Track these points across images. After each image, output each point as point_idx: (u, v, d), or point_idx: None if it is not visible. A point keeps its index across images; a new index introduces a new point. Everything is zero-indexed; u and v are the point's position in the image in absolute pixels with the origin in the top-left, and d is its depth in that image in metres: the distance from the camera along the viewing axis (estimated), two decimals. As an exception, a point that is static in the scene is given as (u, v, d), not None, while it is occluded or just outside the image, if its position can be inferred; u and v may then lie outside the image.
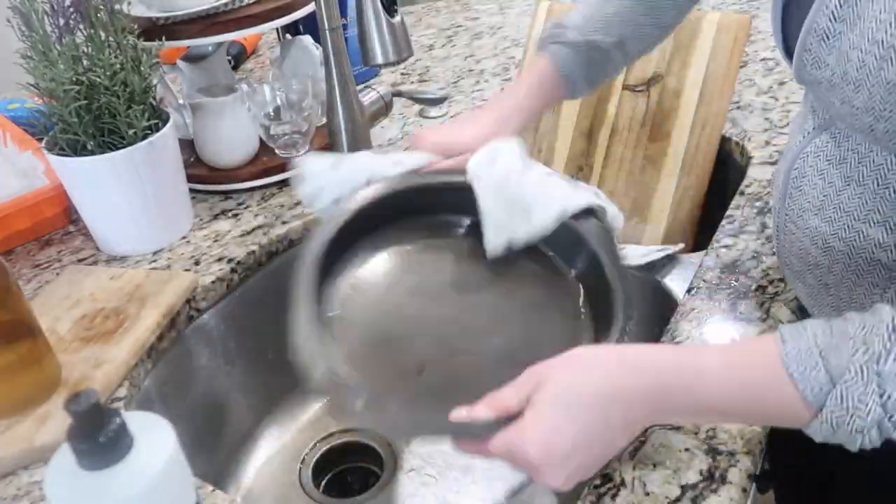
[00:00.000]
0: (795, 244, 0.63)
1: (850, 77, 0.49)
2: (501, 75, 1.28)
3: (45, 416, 0.65)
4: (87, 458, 0.40)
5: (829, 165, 0.57)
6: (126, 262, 0.87)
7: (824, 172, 0.58)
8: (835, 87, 0.51)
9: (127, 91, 0.80)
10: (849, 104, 0.51)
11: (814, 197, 0.59)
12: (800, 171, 0.61)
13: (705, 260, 0.79)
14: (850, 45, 0.49)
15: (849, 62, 0.49)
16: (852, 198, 0.56)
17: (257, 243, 0.89)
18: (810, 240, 0.61)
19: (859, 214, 0.56)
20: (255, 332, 0.91)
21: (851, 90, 0.50)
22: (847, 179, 0.56)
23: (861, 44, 0.48)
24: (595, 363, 0.50)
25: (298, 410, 0.99)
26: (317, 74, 1.05)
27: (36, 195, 0.92)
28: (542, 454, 0.47)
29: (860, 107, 0.50)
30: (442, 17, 1.61)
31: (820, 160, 0.58)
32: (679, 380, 0.48)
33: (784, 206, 0.63)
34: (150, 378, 0.76)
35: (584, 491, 0.56)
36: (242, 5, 0.90)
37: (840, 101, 0.51)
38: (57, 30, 0.78)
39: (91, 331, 0.74)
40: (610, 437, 0.49)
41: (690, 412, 0.51)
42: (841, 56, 0.50)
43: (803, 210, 0.61)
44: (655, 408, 0.49)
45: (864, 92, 0.49)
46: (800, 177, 0.61)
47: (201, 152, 0.98)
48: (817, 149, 0.59)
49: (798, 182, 0.61)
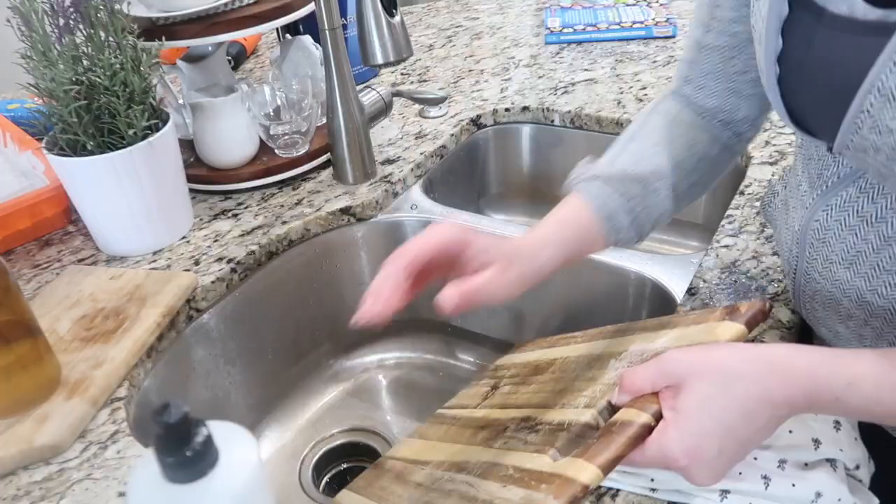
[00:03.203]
0: (821, 293, 0.61)
1: None
2: (501, 75, 1.28)
3: (45, 416, 0.65)
4: (174, 470, 0.39)
5: (862, 222, 0.54)
6: (126, 262, 0.87)
7: (855, 229, 0.55)
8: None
9: (127, 91, 0.80)
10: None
11: (842, 251, 0.57)
12: (822, 223, 0.58)
13: (705, 260, 0.79)
14: None
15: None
16: (894, 256, 0.53)
17: (257, 243, 0.89)
18: (841, 292, 0.58)
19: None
20: (255, 332, 0.91)
21: None
22: (888, 240, 0.53)
23: None
24: (744, 369, 0.47)
25: (298, 410, 0.99)
26: (317, 74, 1.05)
27: (36, 195, 0.92)
28: (690, 458, 0.47)
29: None
30: (442, 17, 1.61)
31: (849, 216, 0.55)
32: (828, 392, 0.46)
33: (805, 256, 0.61)
34: (150, 378, 0.76)
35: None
36: (242, 5, 0.90)
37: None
38: (57, 30, 0.78)
39: (91, 331, 0.74)
40: (756, 438, 0.48)
41: (841, 411, 0.49)
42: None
43: (830, 262, 0.58)
44: (800, 409, 0.48)
45: None
46: (822, 229, 0.58)
47: (201, 152, 0.98)
48: (844, 203, 0.55)
49: (821, 234, 0.58)
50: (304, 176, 1.02)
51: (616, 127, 1.10)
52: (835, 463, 0.54)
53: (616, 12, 1.40)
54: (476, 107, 1.18)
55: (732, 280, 0.75)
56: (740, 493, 0.53)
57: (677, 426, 0.47)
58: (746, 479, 0.53)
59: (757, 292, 0.73)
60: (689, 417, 0.47)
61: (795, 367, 0.47)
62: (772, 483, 0.53)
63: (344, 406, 1.00)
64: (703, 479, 0.48)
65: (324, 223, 0.95)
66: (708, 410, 0.47)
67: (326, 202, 0.96)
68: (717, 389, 0.47)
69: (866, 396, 0.46)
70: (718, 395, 0.47)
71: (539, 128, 1.17)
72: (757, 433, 0.47)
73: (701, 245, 1.12)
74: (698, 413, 0.47)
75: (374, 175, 1.01)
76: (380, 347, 1.07)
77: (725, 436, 0.47)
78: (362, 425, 0.97)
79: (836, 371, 0.46)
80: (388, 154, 1.07)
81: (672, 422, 0.47)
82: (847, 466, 0.54)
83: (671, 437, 0.47)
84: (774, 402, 0.46)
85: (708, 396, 0.47)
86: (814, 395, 0.46)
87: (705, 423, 0.47)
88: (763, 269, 0.76)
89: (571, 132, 1.15)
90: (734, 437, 0.47)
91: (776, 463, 0.54)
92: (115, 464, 0.63)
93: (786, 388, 0.46)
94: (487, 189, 1.24)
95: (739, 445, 0.47)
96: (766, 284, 0.74)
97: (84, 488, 0.61)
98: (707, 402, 0.47)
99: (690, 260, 0.83)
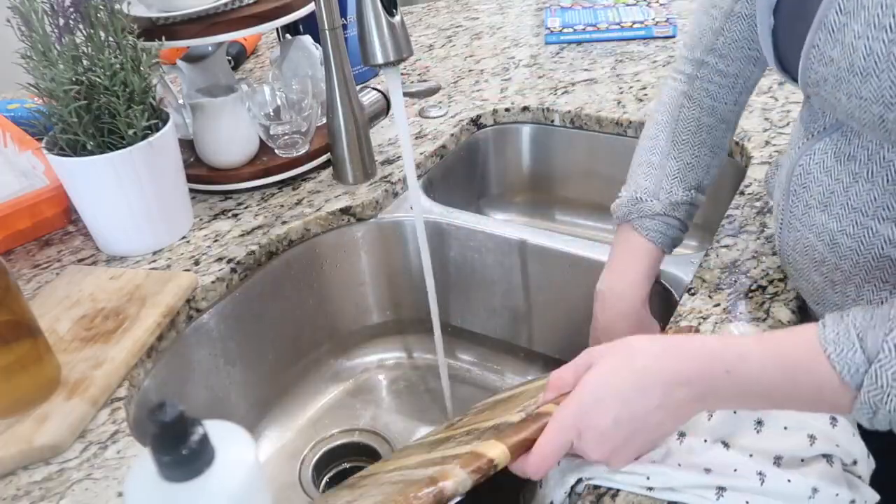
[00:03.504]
0: (800, 241, 0.63)
1: (857, 67, 0.49)
2: (501, 75, 1.28)
3: (45, 416, 0.65)
4: (170, 469, 0.39)
5: (837, 162, 0.57)
6: (126, 262, 0.87)
7: (831, 169, 0.58)
8: (841, 81, 0.51)
9: (127, 91, 0.80)
10: (857, 96, 0.50)
11: (819, 193, 0.59)
12: (804, 167, 0.60)
13: (705, 260, 0.79)
14: (856, 35, 0.48)
15: (854, 52, 0.48)
16: (860, 194, 0.56)
17: (257, 243, 0.89)
18: (816, 236, 0.61)
19: (868, 211, 0.56)
20: (255, 332, 0.91)
21: (859, 81, 0.49)
22: (855, 176, 0.56)
23: (867, 32, 0.47)
24: (643, 348, 0.52)
25: (298, 410, 0.99)
26: (317, 74, 1.05)
27: (36, 195, 0.92)
28: (583, 423, 0.51)
29: (869, 97, 0.49)
30: (442, 17, 1.61)
31: (827, 157, 0.58)
32: (720, 363, 0.49)
33: (788, 204, 0.63)
34: (150, 378, 0.76)
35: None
36: (242, 5, 0.90)
37: (847, 95, 0.51)
38: (57, 30, 0.78)
39: (91, 331, 0.74)
40: (655, 419, 0.51)
41: (734, 396, 0.51)
42: (846, 48, 0.49)
43: (808, 207, 0.61)
44: (698, 390, 0.50)
45: (872, 81, 0.48)
46: (804, 174, 0.61)
47: (201, 152, 0.98)
48: (826, 146, 0.58)
49: (803, 179, 0.61)
50: (304, 176, 1.02)
51: (616, 127, 1.10)
52: (831, 458, 0.54)
53: (616, 12, 1.40)
54: (476, 107, 1.18)
55: (732, 280, 0.75)
56: (736, 490, 0.53)
57: (574, 396, 0.52)
58: (742, 475, 0.53)
59: (757, 292, 0.73)
60: (586, 388, 0.51)
61: (689, 346, 0.51)
62: (767, 479, 0.53)
63: (344, 406, 1.00)
64: (595, 452, 0.51)
65: (324, 223, 0.95)
66: (606, 382, 0.51)
67: (326, 202, 0.96)
68: (620, 363, 0.51)
69: (754, 368, 0.49)
70: (619, 369, 0.51)
71: (539, 128, 1.17)
72: (655, 411, 0.50)
73: (701, 245, 1.12)
74: (596, 384, 0.51)
75: (374, 175, 1.01)
76: (380, 347, 1.07)
77: (621, 408, 0.50)
78: (362, 425, 0.97)
79: (727, 344, 0.50)
80: (388, 154, 1.07)
81: (572, 393, 0.52)
82: (844, 462, 0.55)
83: (567, 406, 0.52)
84: (668, 378, 0.50)
85: (610, 369, 0.51)
86: (706, 368, 0.49)
87: (600, 392, 0.51)
88: (763, 269, 0.76)
89: (571, 132, 1.15)
90: (630, 411, 0.50)
91: (772, 459, 0.54)
92: (115, 464, 0.63)
93: (678, 363, 0.50)
94: (487, 189, 1.24)
95: (638, 422, 0.50)
96: (767, 284, 0.74)
97: (84, 488, 0.61)
98: (607, 374, 0.51)
99: (690, 260, 0.83)
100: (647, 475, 0.54)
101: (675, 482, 0.53)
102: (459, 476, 0.49)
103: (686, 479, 0.53)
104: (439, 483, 0.49)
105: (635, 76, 1.21)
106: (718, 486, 0.53)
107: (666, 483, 0.54)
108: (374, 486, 0.63)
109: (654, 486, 0.54)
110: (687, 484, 0.53)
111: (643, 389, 0.50)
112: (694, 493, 0.53)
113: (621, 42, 1.35)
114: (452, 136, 1.11)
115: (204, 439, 0.40)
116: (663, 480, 0.54)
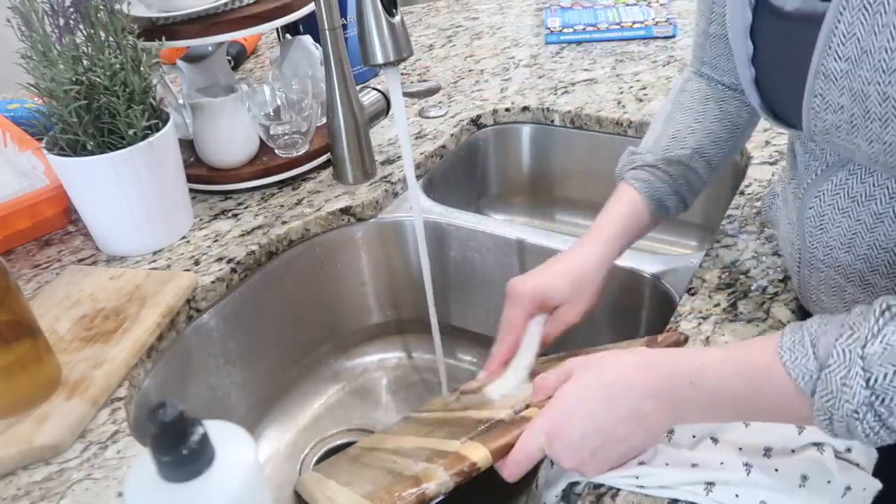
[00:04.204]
0: (825, 282, 0.62)
1: (874, 113, 0.47)
2: (501, 75, 1.28)
3: (45, 416, 0.65)
4: (170, 469, 0.39)
5: (854, 203, 0.56)
6: (126, 262, 0.87)
7: (848, 210, 0.57)
8: (857, 128, 0.49)
9: (127, 91, 0.80)
10: (878, 141, 0.49)
11: (840, 235, 0.58)
12: (816, 210, 0.59)
13: (705, 260, 0.79)
14: (865, 82, 0.47)
15: (867, 99, 0.47)
16: (889, 233, 0.55)
17: (257, 243, 0.89)
18: (844, 277, 0.60)
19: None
20: (255, 333, 0.91)
21: (879, 127, 0.48)
22: (880, 216, 0.55)
23: (877, 77, 0.46)
24: (615, 364, 0.54)
25: (298, 410, 0.99)
26: (317, 74, 1.05)
27: (36, 195, 0.92)
28: (553, 434, 0.54)
29: (892, 140, 0.48)
30: (442, 17, 1.61)
31: (840, 198, 0.57)
32: (684, 376, 0.50)
33: (806, 245, 0.62)
34: (150, 378, 0.76)
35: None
36: (242, 5, 0.90)
37: (867, 140, 0.49)
38: (57, 30, 0.78)
39: (91, 331, 0.74)
40: (621, 432, 0.53)
41: (701, 408, 0.52)
42: (856, 95, 0.48)
43: (830, 248, 0.59)
44: (664, 403, 0.51)
45: (893, 125, 0.47)
46: (818, 216, 0.59)
47: (201, 152, 0.98)
48: (835, 187, 0.57)
49: (818, 221, 0.60)
50: (304, 176, 1.02)
51: (616, 127, 1.10)
52: (822, 446, 0.54)
53: (616, 12, 1.40)
54: (476, 107, 1.18)
55: (732, 280, 0.75)
56: (724, 483, 0.53)
57: (549, 407, 0.55)
58: (728, 468, 0.54)
59: (757, 292, 0.73)
60: (559, 400, 0.54)
61: (654, 361, 0.53)
62: (753, 469, 0.53)
63: (344, 406, 1.00)
64: (565, 461, 0.54)
65: (324, 223, 0.95)
66: (577, 396, 0.54)
67: (326, 202, 0.96)
68: (591, 379, 0.54)
69: (717, 378, 0.50)
70: (590, 384, 0.54)
71: (539, 128, 1.17)
72: (622, 425, 0.52)
73: (701, 245, 1.12)
74: (567, 398, 0.54)
75: (374, 175, 1.01)
76: (380, 347, 1.07)
77: (588, 421, 0.53)
78: (362, 425, 0.97)
79: (692, 357, 0.52)
80: (388, 154, 1.07)
81: (548, 404, 0.55)
82: (837, 449, 0.55)
83: (541, 416, 0.55)
84: (635, 393, 0.52)
85: (582, 384, 0.54)
86: (671, 381, 0.51)
87: (570, 406, 0.54)
88: (763, 269, 0.76)
89: (571, 132, 1.15)
90: (595, 425, 0.52)
91: (762, 452, 0.54)
92: (115, 464, 0.63)
93: (644, 377, 0.52)
94: (487, 189, 1.24)
95: (604, 435, 0.53)
96: (767, 284, 0.74)
97: (84, 488, 0.61)
98: (579, 389, 0.54)
99: (690, 260, 0.83)
100: (637, 475, 0.55)
101: (665, 480, 0.54)
102: (442, 478, 0.53)
103: (674, 477, 0.54)
104: (423, 484, 0.53)
105: (635, 76, 1.21)
106: (707, 482, 0.53)
107: (655, 482, 0.54)
108: (370, 467, 0.67)
109: (644, 486, 0.54)
110: (675, 481, 0.54)
111: (611, 404, 0.52)
112: (684, 489, 0.54)
113: (621, 42, 1.35)
114: (452, 136, 1.11)
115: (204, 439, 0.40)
116: (652, 480, 0.54)
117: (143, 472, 0.40)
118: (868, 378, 0.43)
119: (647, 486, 0.54)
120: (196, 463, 0.40)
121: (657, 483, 0.54)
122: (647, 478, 0.54)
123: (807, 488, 0.52)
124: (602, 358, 0.55)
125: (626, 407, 0.52)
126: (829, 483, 0.52)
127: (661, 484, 0.54)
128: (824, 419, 0.45)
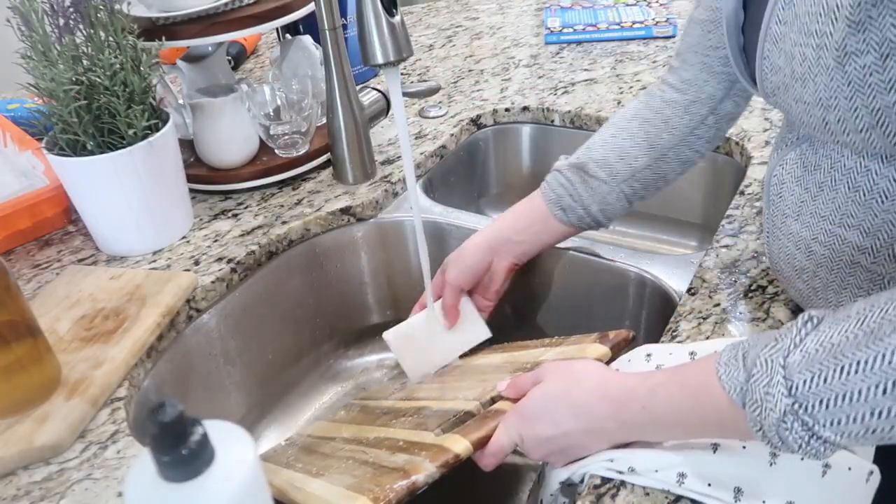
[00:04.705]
0: (782, 250, 0.64)
1: (797, 73, 0.51)
2: (501, 75, 1.28)
3: (45, 416, 0.65)
4: (170, 469, 0.39)
5: (805, 172, 0.58)
6: (126, 262, 0.87)
7: (800, 179, 0.59)
8: (788, 88, 0.53)
9: (127, 91, 0.80)
10: (802, 101, 0.52)
11: (793, 203, 0.60)
12: (779, 177, 0.62)
13: (705, 260, 0.79)
14: (793, 43, 0.50)
15: (793, 59, 0.51)
16: (826, 202, 0.57)
17: (257, 243, 0.89)
18: (794, 245, 0.62)
19: (835, 219, 0.57)
20: (255, 332, 0.91)
21: (800, 86, 0.51)
22: (820, 185, 0.57)
23: (800, 39, 0.49)
24: (583, 379, 0.58)
25: (298, 410, 0.99)
26: (317, 74, 1.05)
27: (36, 195, 0.92)
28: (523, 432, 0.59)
29: (810, 101, 0.51)
30: (442, 17, 1.61)
31: (797, 167, 0.59)
32: (636, 402, 0.53)
33: (769, 213, 0.64)
34: (150, 378, 0.76)
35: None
36: (242, 5, 0.90)
37: (795, 100, 0.53)
38: (57, 30, 0.78)
39: (91, 331, 0.74)
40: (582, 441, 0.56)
41: (655, 430, 0.54)
42: (786, 55, 0.51)
43: (785, 216, 0.62)
44: (621, 426, 0.54)
45: (810, 85, 0.50)
46: (779, 184, 0.62)
47: (201, 152, 0.98)
48: (796, 156, 0.60)
49: (778, 189, 0.62)
50: (304, 176, 1.02)
51: (616, 127, 1.10)
52: None
53: (616, 12, 1.40)
54: (476, 107, 1.18)
55: (732, 280, 0.75)
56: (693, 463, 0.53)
57: (519, 406, 0.60)
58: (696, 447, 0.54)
59: (757, 292, 0.73)
60: (532, 400, 0.59)
61: (611, 391, 0.55)
62: (720, 447, 0.53)
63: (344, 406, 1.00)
64: (535, 455, 0.59)
65: (324, 223, 0.95)
66: (545, 402, 0.58)
67: (326, 202, 0.96)
68: (559, 390, 0.58)
69: (665, 400, 0.51)
70: (558, 394, 0.58)
71: (539, 128, 1.17)
72: (581, 435, 0.56)
73: (701, 245, 1.12)
74: (537, 401, 0.59)
75: (374, 175, 1.01)
76: (380, 347, 1.07)
77: (553, 427, 0.57)
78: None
79: (641, 380, 0.54)
80: (388, 154, 1.07)
81: (520, 403, 0.60)
82: None
83: (513, 413, 0.60)
84: (594, 416, 0.55)
85: (552, 393, 0.58)
86: (626, 407, 0.54)
87: (538, 410, 0.58)
88: (763, 269, 0.76)
89: (571, 132, 1.15)
90: (560, 431, 0.56)
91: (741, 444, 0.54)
92: (115, 464, 0.63)
93: (601, 404, 0.55)
94: (487, 189, 1.24)
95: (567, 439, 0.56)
96: (767, 284, 0.74)
97: (84, 488, 0.61)
98: (550, 397, 0.58)
99: (690, 260, 0.83)
100: (612, 458, 0.56)
101: (635, 461, 0.55)
102: (429, 469, 0.57)
103: (644, 456, 0.55)
104: (412, 476, 0.57)
105: (635, 76, 1.21)
106: (679, 473, 0.53)
107: (627, 463, 0.55)
108: (336, 458, 0.69)
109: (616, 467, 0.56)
110: (645, 460, 0.54)
111: (575, 418, 0.56)
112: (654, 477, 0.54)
113: (621, 42, 1.35)
114: (452, 136, 1.11)
115: (204, 439, 0.40)
116: (624, 462, 0.55)
117: (143, 472, 0.40)
118: (790, 386, 0.43)
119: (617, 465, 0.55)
120: (196, 463, 0.39)
121: (627, 465, 0.55)
122: (620, 461, 0.56)
123: (778, 465, 0.51)
124: (573, 370, 0.59)
125: (588, 423, 0.56)
126: (801, 460, 0.51)
127: (631, 466, 0.55)
128: (757, 430, 0.45)
